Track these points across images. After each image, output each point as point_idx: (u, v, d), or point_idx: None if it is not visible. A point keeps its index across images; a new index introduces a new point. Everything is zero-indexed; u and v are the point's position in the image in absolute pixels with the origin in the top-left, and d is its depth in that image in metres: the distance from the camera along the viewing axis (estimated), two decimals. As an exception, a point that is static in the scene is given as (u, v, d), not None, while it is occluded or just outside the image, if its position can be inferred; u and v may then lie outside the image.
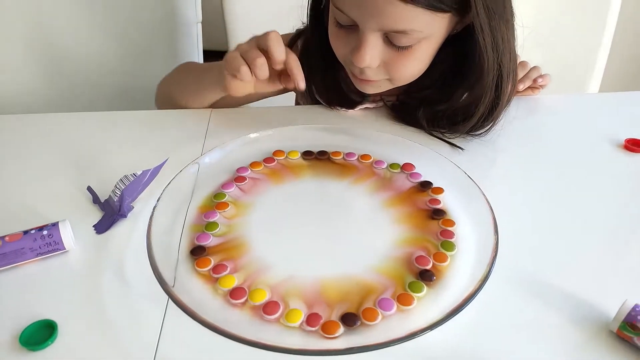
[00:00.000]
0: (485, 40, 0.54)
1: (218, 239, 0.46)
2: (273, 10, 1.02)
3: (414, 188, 0.53)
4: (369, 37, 0.54)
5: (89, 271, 0.44)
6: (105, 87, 0.99)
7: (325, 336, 0.37)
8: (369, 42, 0.54)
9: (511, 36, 0.58)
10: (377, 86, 0.61)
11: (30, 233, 0.44)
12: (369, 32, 0.54)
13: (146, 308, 0.40)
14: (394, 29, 0.52)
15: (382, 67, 0.57)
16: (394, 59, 0.56)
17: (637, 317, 0.37)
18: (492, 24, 0.53)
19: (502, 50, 0.56)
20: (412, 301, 0.40)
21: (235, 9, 1.03)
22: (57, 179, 0.54)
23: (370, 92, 0.63)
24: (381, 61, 0.56)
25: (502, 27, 0.55)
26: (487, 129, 0.62)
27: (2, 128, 0.64)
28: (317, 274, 0.42)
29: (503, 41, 0.55)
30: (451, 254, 0.44)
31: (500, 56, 0.56)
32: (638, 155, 0.59)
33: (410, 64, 0.57)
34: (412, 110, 0.64)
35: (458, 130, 0.61)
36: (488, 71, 0.56)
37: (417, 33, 0.53)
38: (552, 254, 0.46)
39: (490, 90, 0.58)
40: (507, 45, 0.56)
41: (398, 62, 0.56)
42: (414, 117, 0.64)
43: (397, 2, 0.50)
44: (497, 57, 0.56)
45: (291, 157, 0.57)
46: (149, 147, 0.59)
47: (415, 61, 0.57)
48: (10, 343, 0.38)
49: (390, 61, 0.56)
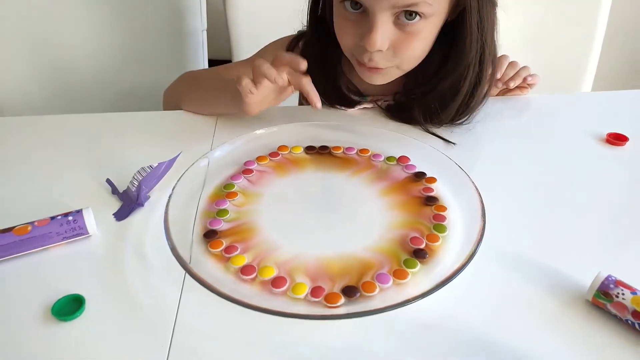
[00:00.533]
0: (472, 17, 0.59)
1: (228, 224, 0.50)
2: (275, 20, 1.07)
3: (409, 178, 0.57)
4: (380, 18, 0.57)
5: (110, 253, 0.48)
6: (114, 92, 1.04)
7: (327, 306, 0.41)
8: (380, 24, 0.57)
9: (494, 19, 0.63)
10: (385, 74, 0.64)
11: (56, 219, 0.48)
12: (380, 13, 0.57)
13: (164, 284, 0.44)
14: (406, 2, 0.56)
15: (391, 49, 0.60)
16: (402, 40, 0.59)
17: (609, 286, 0.41)
18: (481, 3, 0.59)
19: (486, 30, 0.61)
20: (406, 276, 0.44)
21: (238, 17, 1.08)
22: (79, 174, 0.59)
23: (378, 83, 0.66)
24: (390, 44, 0.60)
25: (488, 7, 0.60)
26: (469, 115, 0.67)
27: (27, 128, 0.69)
28: (320, 252, 0.46)
29: (488, 21, 0.61)
30: (443, 235, 0.49)
31: (485, 35, 0.61)
32: (618, 148, 0.63)
33: (416, 45, 0.60)
34: (408, 109, 0.69)
35: (446, 115, 0.66)
36: (471, 47, 0.61)
37: (426, 6, 0.56)
38: (533, 234, 0.50)
39: (473, 68, 0.63)
40: (491, 25, 0.62)
41: (405, 43, 0.60)
42: (409, 115, 0.68)
43: None
44: (482, 35, 0.61)
45: (295, 152, 0.62)
46: (162, 144, 0.63)
47: (421, 41, 0.61)
48: (43, 314, 0.41)
49: (399, 43, 0.60)
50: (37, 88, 1.01)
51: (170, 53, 1.04)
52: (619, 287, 0.40)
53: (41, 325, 0.41)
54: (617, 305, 0.40)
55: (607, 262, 0.44)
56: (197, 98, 0.72)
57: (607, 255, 0.47)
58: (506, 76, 0.74)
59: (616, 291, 0.40)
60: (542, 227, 0.51)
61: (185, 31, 1.03)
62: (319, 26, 0.69)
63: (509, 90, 0.75)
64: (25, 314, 0.41)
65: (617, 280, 0.41)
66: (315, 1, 0.69)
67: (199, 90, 0.73)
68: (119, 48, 1.01)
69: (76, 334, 0.40)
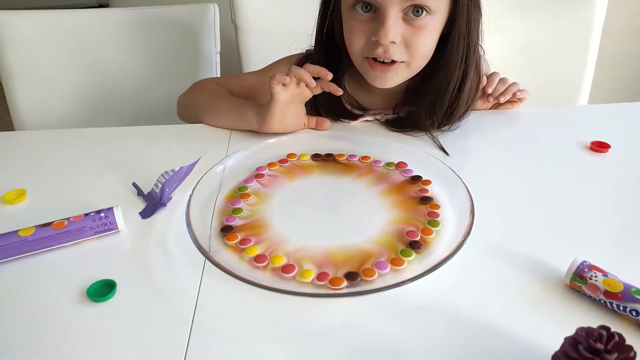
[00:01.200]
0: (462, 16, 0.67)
1: (243, 221, 0.56)
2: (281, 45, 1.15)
3: (406, 181, 0.62)
4: (391, 13, 0.65)
5: (137, 245, 0.53)
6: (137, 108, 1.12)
7: (332, 288, 0.46)
8: (391, 17, 0.65)
9: (479, 23, 0.71)
10: (394, 73, 0.70)
11: (90, 215, 0.54)
12: (391, 8, 0.64)
13: (186, 271, 0.50)
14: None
15: (402, 44, 0.68)
16: (413, 34, 0.67)
17: (584, 270, 0.45)
18: (470, 5, 0.67)
19: (472, 28, 0.69)
20: (403, 263, 0.49)
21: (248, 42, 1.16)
22: (109, 179, 0.65)
23: (389, 85, 0.72)
24: (402, 38, 0.67)
25: (475, 11, 0.69)
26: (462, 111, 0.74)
27: (65, 139, 0.76)
28: (326, 244, 0.52)
29: (475, 22, 0.69)
30: (436, 229, 0.54)
31: (471, 33, 0.69)
32: (601, 154, 0.69)
33: (425, 38, 0.68)
34: (407, 120, 0.75)
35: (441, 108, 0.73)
36: (460, 40, 0.69)
37: (431, 0, 0.64)
38: (518, 228, 0.55)
39: (462, 63, 0.70)
40: (476, 26, 0.70)
41: (416, 37, 0.67)
42: (408, 124, 0.74)
43: None
44: (468, 32, 0.69)
45: (302, 159, 0.67)
46: (182, 153, 0.69)
47: (429, 38, 0.68)
48: (79, 296, 0.47)
49: (409, 36, 0.67)
50: (74, 105, 1.10)
51: (187, 73, 1.11)
52: (592, 270, 0.45)
53: (78, 306, 0.46)
54: (591, 287, 0.44)
55: (582, 250, 0.48)
56: (216, 113, 0.78)
57: (583, 245, 0.52)
58: (497, 91, 0.80)
59: (590, 274, 0.45)
60: (526, 221, 0.56)
61: (201, 53, 1.11)
62: (324, 47, 0.76)
63: (500, 104, 0.81)
64: (65, 296, 0.47)
65: (590, 264, 0.46)
66: (322, 21, 0.76)
67: (216, 102, 0.80)
68: (143, 69, 1.10)
69: (108, 313, 0.45)
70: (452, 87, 0.72)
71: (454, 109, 0.73)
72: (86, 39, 1.07)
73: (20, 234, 0.51)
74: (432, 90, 0.73)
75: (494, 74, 0.80)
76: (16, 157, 0.72)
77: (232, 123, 0.76)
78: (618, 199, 0.60)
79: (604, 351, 0.33)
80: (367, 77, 0.73)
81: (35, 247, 0.51)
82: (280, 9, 1.15)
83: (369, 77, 0.72)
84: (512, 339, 0.42)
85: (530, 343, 0.41)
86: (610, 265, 0.46)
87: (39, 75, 1.07)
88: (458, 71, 0.71)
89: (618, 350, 0.34)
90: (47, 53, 1.06)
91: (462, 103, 0.73)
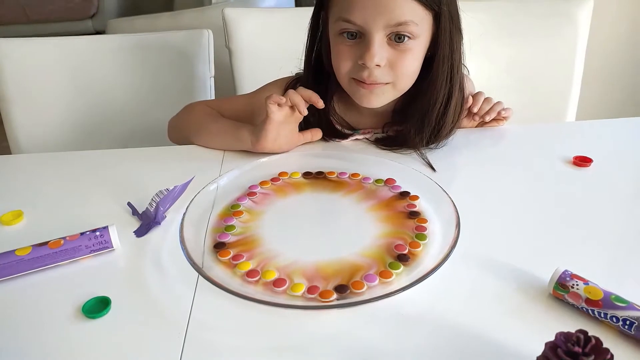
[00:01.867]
0: (444, 38, 0.70)
1: (235, 237, 0.57)
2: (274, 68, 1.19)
3: (394, 197, 0.64)
4: (376, 37, 0.68)
5: (132, 263, 0.55)
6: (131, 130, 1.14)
7: (322, 301, 0.47)
8: (376, 41, 0.68)
9: (461, 44, 0.74)
10: (380, 93, 0.73)
11: (85, 234, 0.55)
12: (376, 32, 0.67)
13: (179, 287, 0.51)
14: (397, 21, 0.67)
15: (387, 67, 0.70)
16: (396, 57, 0.70)
17: (565, 279, 0.47)
18: (451, 28, 0.71)
19: (454, 49, 0.72)
20: (391, 276, 0.50)
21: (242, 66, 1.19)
22: (104, 199, 0.66)
23: (375, 105, 0.74)
24: (387, 61, 0.70)
25: (457, 34, 0.72)
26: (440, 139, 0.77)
27: (60, 162, 0.78)
28: (316, 258, 0.53)
29: (456, 44, 0.72)
30: (424, 242, 0.55)
31: (453, 54, 0.72)
32: (583, 168, 0.71)
33: (409, 62, 0.71)
34: (396, 138, 0.77)
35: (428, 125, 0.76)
36: (444, 61, 0.72)
37: (413, 25, 0.67)
38: (503, 241, 0.56)
39: (446, 83, 0.73)
40: (458, 47, 0.73)
41: (400, 60, 0.70)
42: (397, 143, 0.77)
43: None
44: (451, 54, 0.72)
45: (294, 177, 0.69)
46: (176, 173, 0.71)
47: (413, 60, 0.71)
48: (74, 313, 0.48)
49: (394, 59, 0.70)
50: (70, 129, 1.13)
51: (182, 97, 1.13)
52: (574, 279, 0.47)
53: (74, 322, 0.47)
54: (573, 295, 0.46)
55: (565, 261, 0.50)
56: (209, 134, 0.80)
57: (565, 255, 0.54)
58: (482, 110, 0.82)
59: (571, 283, 0.46)
60: (510, 233, 0.58)
61: (195, 78, 1.14)
62: (313, 70, 0.79)
63: (485, 123, 0.84)
64: (60, 313, 0.48)
65: (572, 273, 0.47)
66: (310, 46, 0.79)
67: (210, 125, 0.82)
68: (138, 94, 1.12)
69: (103, 329, 0.46)
70: (438, 105, 0.74)
71: (440, 126, 0.76)
72: (83, 65, 1.10)
73: (17, 253, 0.52)
74: (420, 109, 0.76)
75: (479, 94, 0.83)
76: (13, 179, 0.73)
77: (226, 143, 0.78)
78: (599, 211, 0.62)
79: (581, 354, 0.35)
80: (354, 97, 0.75)
81: (31, 266, 0.52)
82: (273, 33, 1.18)
83: (356, 97, 0.75)
84: (497, 346, 0.43)
85: (515, 350, 0.43)
86: (592, 275, 0.47)
87: (36, 100, 1.09)
88: (443, 90, 0.74)
89: (595, 353, 0.35)
90: (44, 78, 1.09)
91: (448, 120, 0.76)
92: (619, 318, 0.43)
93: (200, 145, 0.80)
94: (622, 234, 0.57)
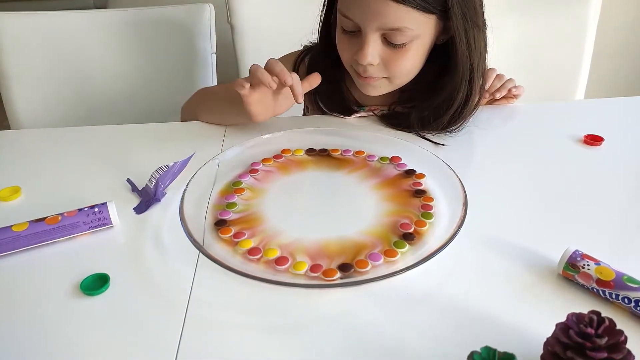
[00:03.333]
0: (460, 42, 0.66)
1: (237, 215, 0.56)
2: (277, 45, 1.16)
3: (400, 175, 0.63)
4: (370, 37, 0.65)
5: (131, 240, 0.53)
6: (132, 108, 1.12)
7: (325, 279, 0.46)
8: (370, 41, 0.66)
9: (481, 39, 0.69)
10: (377, 86, 0.72)
11: (84, 210, 0.54)
12: (370, 33, 0.65)
13: (179, 264, 0.50)
14: (391, 26, 0.64)
15: (382, 64, 0.68)
16: (391, 57, 0.67)
17: (576, 259, 0.45)
18: (466, 27, 0.66)
19: (473, 49, 0.67)
20: (396, 255, 0.49)
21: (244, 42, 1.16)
22: (103, 175, 0.65)
23: (372, 94, 0.74)
24: (381, 59, 0.68)
25: (474, 30, 0.67)
26: (462, 123, 0.73)
27: (60, 138, 0.76)
28: (320, 236, 0.52)
29: (475, 41, 0.67)
30: (429, 221, 0.54)
31: (473, 56, 0.68)
32: (595, 147, 0.69)
33: (404, 62, 0.68)
34: (402, 117, 0.75)
35: (439, 123, 0.72)
36: (462, 67, 0.68)
37: (409, 31, 0.64)
38: (511, 220, 0.55)
39: (465, 85, 0.69)
40: (477, 45, 0.68)
41: (394, 60, 0.67)
42: (403, 122, 0.74)
43: (391, 3, 0.62)
44: (470, 56, 0.68)
45: (297, 154, 0.67)
46: (176, 149, 0.70)
47: (409, 60, 0.68)
48: (73, 289, 0.47)
49: (388, 58, 0.67)
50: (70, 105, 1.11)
51: (183, 73, 1.12)
52: (584, 259, 0.45)
53: (71, 299, 0.46)
54: (584, 275, 0.45)
55: (575, 241, 0.48)
56: (210, 110, 0.79)
57: (574, 235, 0.52)
58: (493, 87, 0.80)
59: (582, 263, 0.45)
60: (519, 213, 0.56)
61: (196, 54, 1.11)
62: (327, 42, 0.77)
63: (495, 100, 0.81)
64: (58, 290, 0.47)
65: (583, 253, 0.46)
66: (326, 16, 0.77)
67: (212, 104, 0.80)
68: (138, 69, 1.10)
69: (101, 306, 0.45)
70: (456, 106, 0.71)
71: (452, 122, 0.73)
72: (82, 40, 1.08)
73: (13, 229, 0.51)
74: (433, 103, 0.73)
75: (491, 70, 0.80)
76: (11, 155, 0.72)
77: (230, 120, 0.77)
78: (610, 190, 0.60)
79: (594, 335, 0.34)
80: (358, 86, 0.75)
81: (28, 242, 0.51)
82: (276, 9, 1.15)
83: (357, 84, 0.75)
84: (504, 327, 0.42)
85: (523, 330, 0.42)
86: (603, 256, 0.46)
87: (35, 76, 1.07)
88: (462, 93, 0.70)
89: (608, 334, 0.34)
90: (43, 54, 1.06)
91: (461, 119, 0.73)
92: (631, 299, 0.42)
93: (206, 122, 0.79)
94: (634, 213, 0.56)
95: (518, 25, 1.18)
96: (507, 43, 1.18)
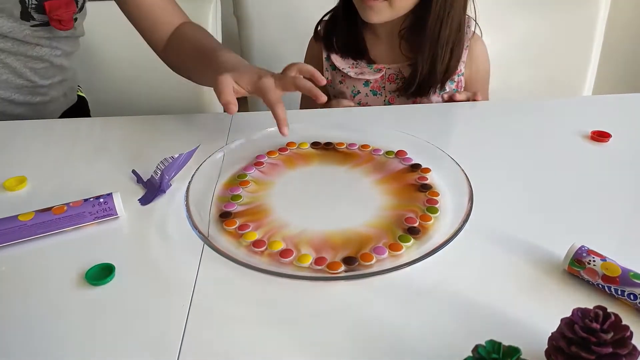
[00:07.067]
0: None
1: (242, 207, 0.56)
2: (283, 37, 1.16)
3: (405, 169, 0.62)
4: None
5: (137, 231, 0.54)
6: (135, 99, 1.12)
7: (329, 272, 0.46)
8: None
9: None
10: (378, 10, 0.81)
11: (89, 200, 0.54)
12: None
13: (184, 255, 0.50)
14: None
15: None
16: None
17: (582, 255, 0.45)
18: None
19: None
20: (401, 249, 0.49)
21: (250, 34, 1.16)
22: (108, 167, 0.65)
23: (374, 20, 0.83)
24: None
25: None
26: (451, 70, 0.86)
27: (61, 128, 0.77)
28: (324, 228, 0.52)
29: None
30: (435, 215, 0.54)
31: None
32: (602, 143, 0.68)
33: None
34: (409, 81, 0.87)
35: (436, 76, 0.86)
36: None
37: None
38: (517, 215, 0.55)
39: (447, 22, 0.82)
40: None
41: None
42: (411, 83, 0.86)
43: None
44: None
45: (302, 147, 0.67)
46: (182, 141, 0.70)
47: None
48: (78, 279, 0.47)
49: None
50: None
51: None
52: (590, 255, 0.45)
53: (76, 289, 0.46)
54: (589, 271, 0.44)
55: (581, 237, 0.48)
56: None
57: (580, 231, 0.52)
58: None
59: (588, 259, 0.45)
60: (525, 208, 0.56)
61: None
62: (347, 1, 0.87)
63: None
64: (63, 280, 0.47)
65: (589, 249, 0.45)
66: None
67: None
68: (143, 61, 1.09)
69: (106, 297, 0.45)
70: (438, 27, 0.83)
71: (444, 52, 0.85)
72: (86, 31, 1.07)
73: (20, 218, 0.51)
74: (424, 36, 0.84)
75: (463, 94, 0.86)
76: (17, 145, 0.72)
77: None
78: (617, 186, 0.60)
79: (600, 330, 0.33)
80: (361, 14, 0.83)
81: (34, 231, 0.51)
82: (281, 1, 1.15)
83: (361, 12, 0.83)
84: (509, 322, 0.42)
85: (528, 325, 0.41)
86: (609, 252, 0.46)
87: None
88: (445, 32, 0.83)
89: (614, 329, 0.33)
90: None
91: (452, 67, 0.86)
92: (637, 295, 0.42)
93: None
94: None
95: (526, 22, 1.17)
96: (515, 39, 1.17)
